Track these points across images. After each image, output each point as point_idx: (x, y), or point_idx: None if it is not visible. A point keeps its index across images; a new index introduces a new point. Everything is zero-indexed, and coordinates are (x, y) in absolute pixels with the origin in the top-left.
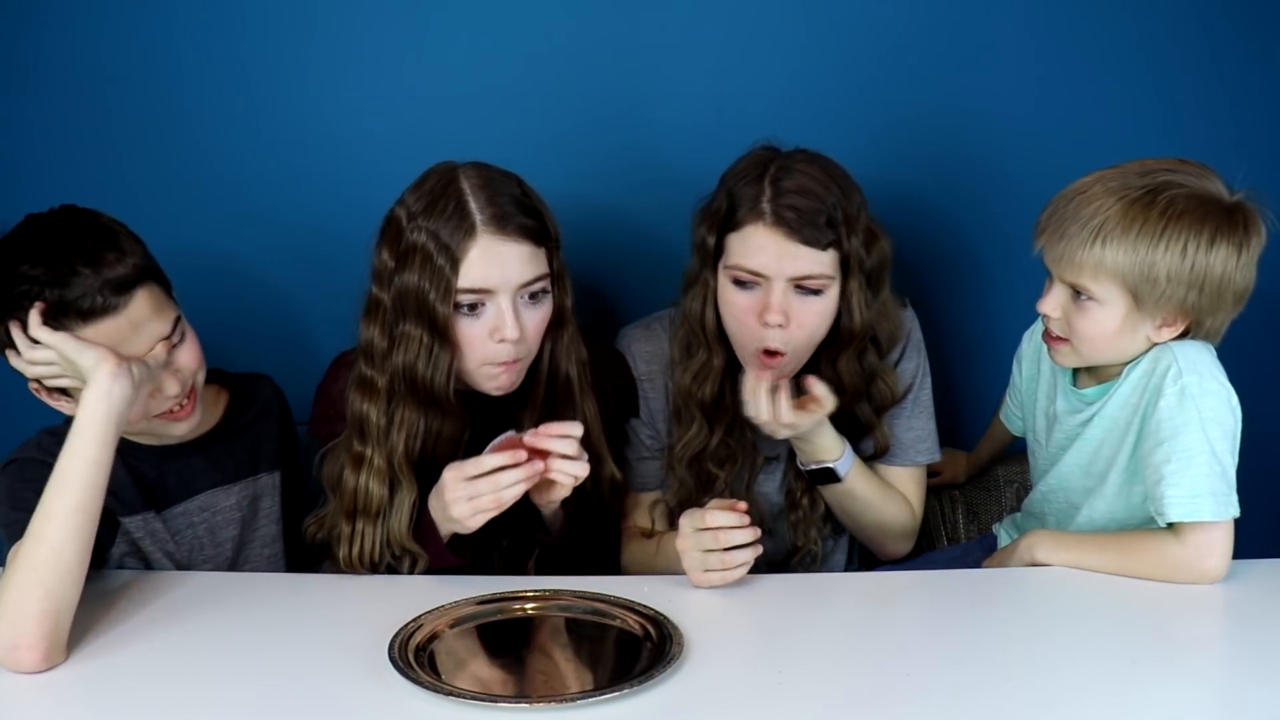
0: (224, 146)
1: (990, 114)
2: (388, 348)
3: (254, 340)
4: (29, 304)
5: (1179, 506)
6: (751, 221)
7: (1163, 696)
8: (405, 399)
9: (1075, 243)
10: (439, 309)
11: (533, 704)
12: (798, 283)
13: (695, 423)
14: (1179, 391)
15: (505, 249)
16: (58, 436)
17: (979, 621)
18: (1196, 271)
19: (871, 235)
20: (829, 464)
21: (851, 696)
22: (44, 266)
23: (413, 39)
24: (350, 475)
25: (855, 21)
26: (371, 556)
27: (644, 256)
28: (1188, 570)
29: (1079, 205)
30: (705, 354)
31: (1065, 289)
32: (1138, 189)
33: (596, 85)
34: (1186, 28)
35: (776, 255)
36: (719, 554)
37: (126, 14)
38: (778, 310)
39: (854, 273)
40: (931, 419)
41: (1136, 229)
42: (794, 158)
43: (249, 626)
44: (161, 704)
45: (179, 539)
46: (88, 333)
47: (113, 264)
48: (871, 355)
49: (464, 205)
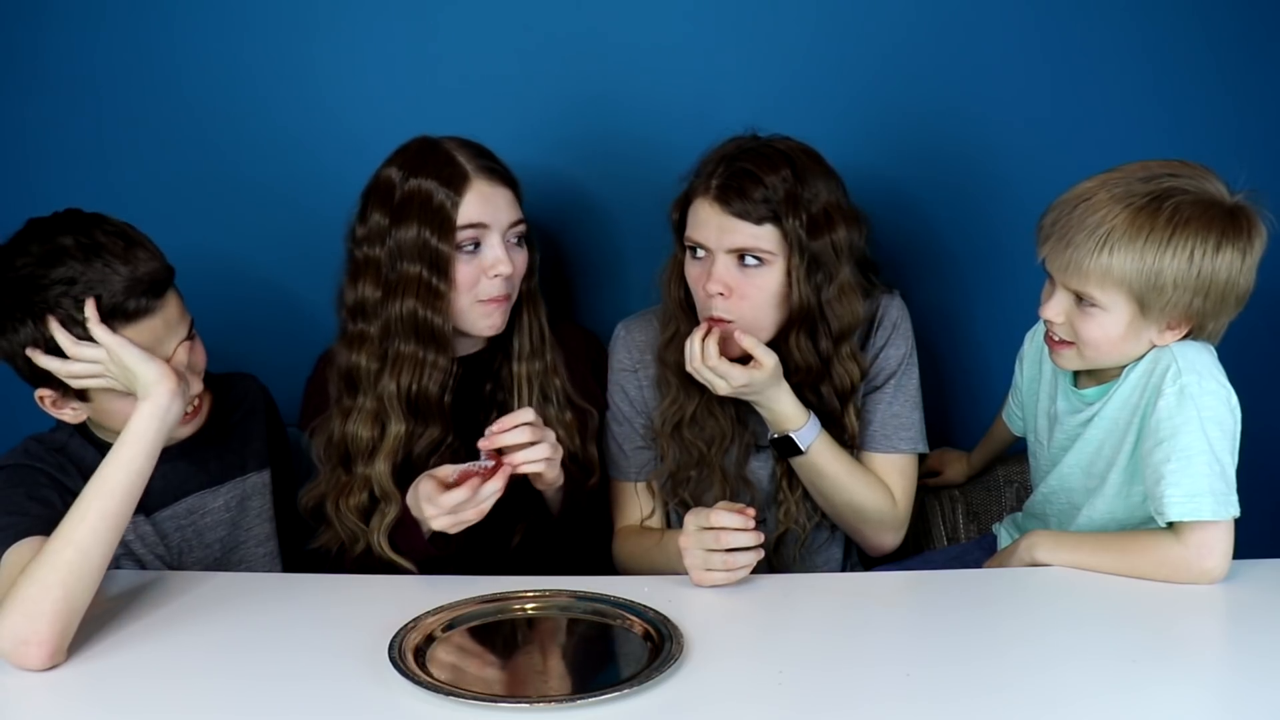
0: (222, 145)
1: (988, 111)
2: (382, 296)
3: (254, 339)
4: (66, 304)
5: (1179, 506)
6: (699, 195)
7: (1163, 696)
8: (402, 336)
9: (1082, 251)
10: (441, 248)
11: (533, 704)
12: (739, 253)
13: (672, 390)
14: (1178, 391)
15: (495, 192)
16: (45, 443)
17: (978, 622)
18: (1203, 278)
19: (828, 220)
20: (790, 434)
21: (851, 696)
22: (81, 264)
23: (413, 39)
24: (337, 426)
25: (851, 16)
26: (359, 501)
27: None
28: (1188, 570)
29: (1084, 213)
30: (674, 325)
31: (1068, 294)
32: (1143, 195)
33: (597, 83)
34: (1187, 27)
35: (717, 228)
36: (721, 554)
37: (125, 13)
38: (717, 280)
39: (794, 251)
40: (917, 408)
41: (1144, 237)
42: (765, 142)
43: (249, 626)
44: (162, 704)
45: (168, 542)
46: (129, 333)
47: (146, 262)
48: (825, 338)
49: (453, 158)
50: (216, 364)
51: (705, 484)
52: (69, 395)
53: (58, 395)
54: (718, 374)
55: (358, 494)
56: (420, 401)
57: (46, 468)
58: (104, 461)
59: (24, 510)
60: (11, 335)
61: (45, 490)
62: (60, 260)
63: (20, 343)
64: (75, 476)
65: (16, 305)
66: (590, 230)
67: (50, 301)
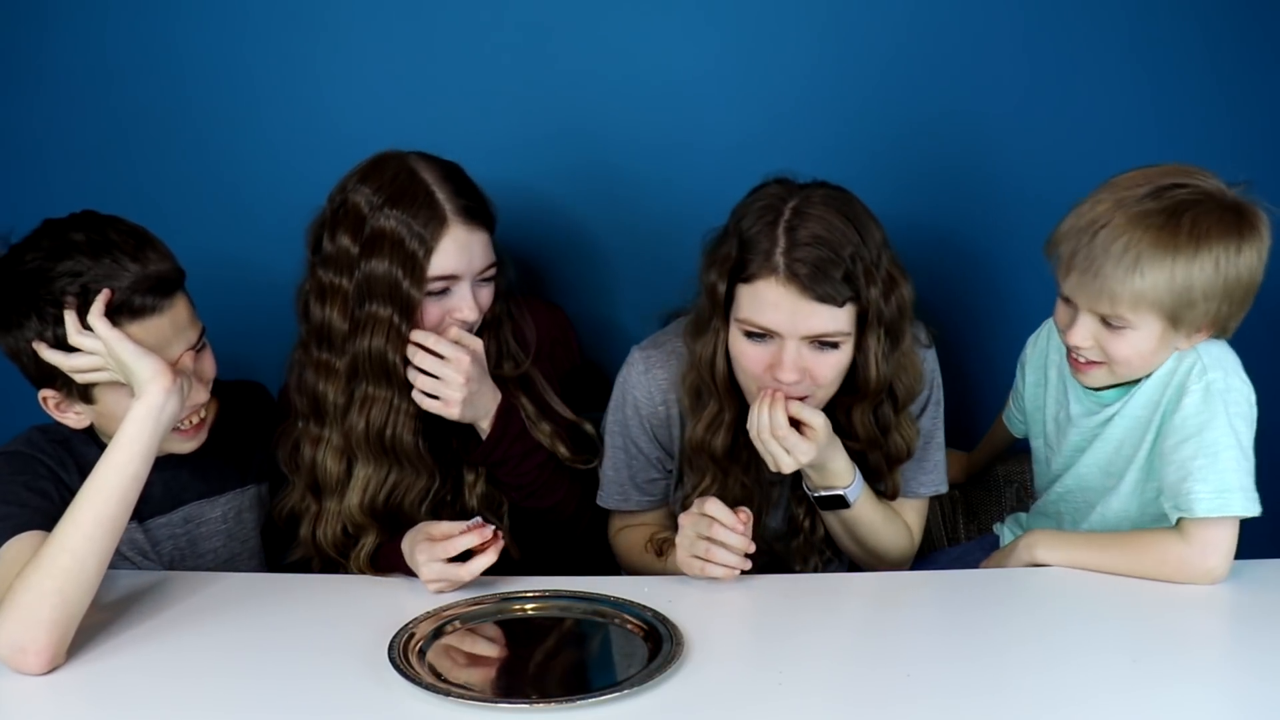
0: (226, 145)
1: (987, 115)
2: (349, 330)
3: (253, 338)
4: (74, 298)
5: (1206, 502)
6: (764, 276)
7: (1163, 696)
8: (369, 378)
9: (1113, 280)
10: (412, 294)
11: (533, 704)
12: (814, 339)
13: (709, 473)
14: (1204, 389)
15: (471, 238)
16: (49, 434)
17: (979, 621)
18: (1229, 283)
19: (891, 281)
20: (840, 490)
21: (851, 697)
22: (90, 259)
23: (414, 40)
24: (308, 452)
25: (835, 24)
26: (334, 533)
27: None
28: (1191, 569)
29: (1106, 240)
30: (716, 405)
31: (1094, 318)
32: (1159, 212)
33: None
34: (1184, 29)
35: (790, 313)
36: (705, 543)
37: (129, 12)
38: (791, 368)
39: (872, 325)
40: (939, 449)
41: (1172, 256)
42: (810, 199)
43: (249, 627)
44: (162, 704)
45: (159, 549)
46: (133, 331)
47: (157, 262)
48: (887, 408)
49: (432, 196)
50: (228, 368)
51: None
52: (73, 397)
53: (61, 397)
54: (785, 447)
55: (332, 525)
56: (393, 445)
57: (47, 459)
58: (98, 464)
59: (22, 502)
60: (17, 331)
61: (44, 482)
62: (68, 254)
63: (25, 337)
64: (74, 473)
65: (23, 299)
66: (577, 249)
67: (56, 293)
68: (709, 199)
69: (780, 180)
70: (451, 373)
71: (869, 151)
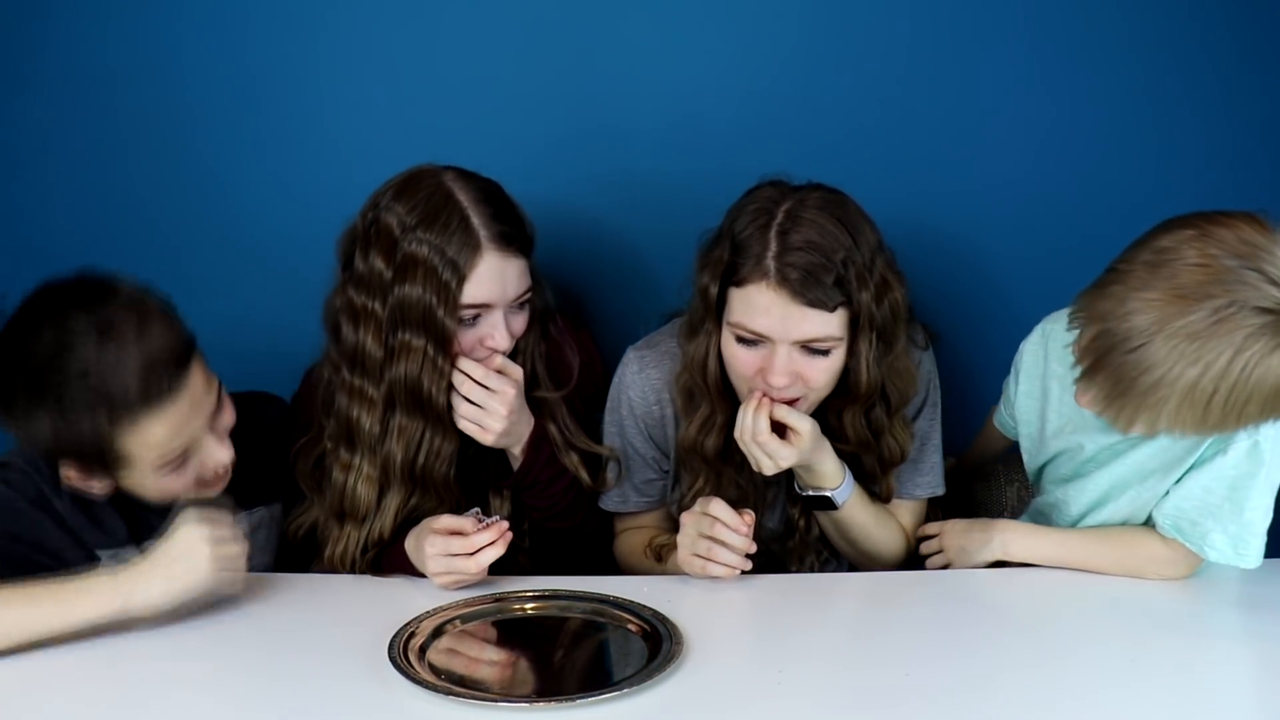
0: (227, 147)
1: (984, 115)
2: (384, 358)
3: (254, 340)
4: (81, 403)
5: (1218, 552)
6: (755, 280)
7: (1162, 696)
8: (406, 409)
9: (1133, 410)
10: (446, 323)
11: (533, 704)
12: (804, 344)
13: (701, 475)
14: (1252, 445)
15: (506, 266)
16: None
17: (978, 621)
18: (1266, 408)
19: (885, 285)
20: (827, 492)
21: (850, 696)
22: (95, 348)
23: (415, 42)
24: (339, 477)
25: (836, 27)
26: (354, 556)
27: (626, 263)
28: (1166, 570)
29: (1138, 364)
30: (708, 407)
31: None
32: (1208, 353)
33: (592, 91)
34: (1184, 33)
35: (781, 318)
36: (707, 542)
37: (129, 14)
38: (782, 373)
39: (864, 330)
40: (936, 451)
41: (1206, 407)
42: (804, 202)
43: (249, 626)
44: (162, 703)
45: None
46: (154, 430)
47: (162, 337)
48: (880, 411)
49: (467, 221)
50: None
51: None
52: (94, 471)
53: (81, 472)
54: (766, 452)
55: (354, 549)
56: (423, 475)
57: (21, 498)
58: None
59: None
60: (29, 420)
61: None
62: (71, 346)
63: (38, 425)
64: (64, 497)
65: (35, 393)
66: (580, 236)
67: (66, 402)
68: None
69: (774, 182)
70: (496, 404)
71: (870, 150)
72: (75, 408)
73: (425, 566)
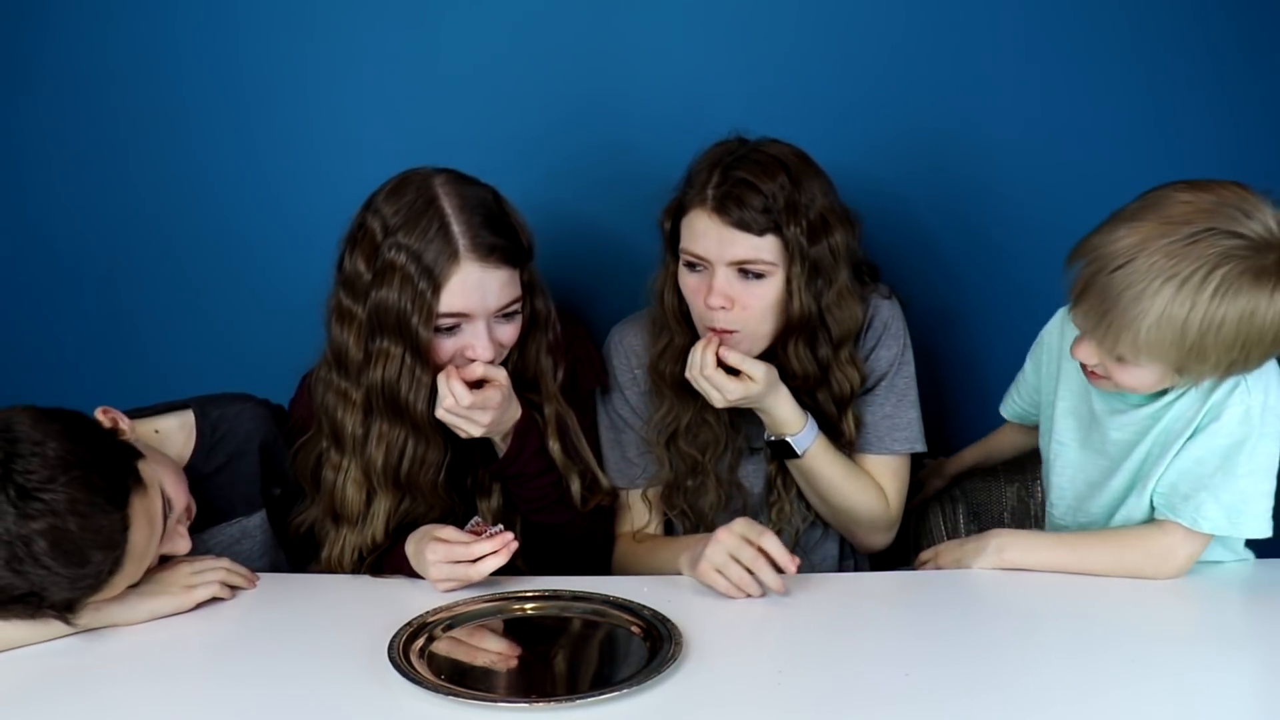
0: (227, 146)
1: (982, 110)
2: (363, 361)
3: (251, 339)
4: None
5: (1212, 522)
6: (696, 207)
7: (1162, 696)
8: (385, 415)
9: (1118, 326)
10: (421, 332)
11: (533, 704)
12: (740, 266)
13: (666, 401)
14: (1244, 413)
15: (486, 276)
16: None
17: (978, 621)
18: (1249, 339)
19: (824, 224)
20: (787, 438)
21: (850, 696)
22: (27, 582)
23: (414, 44)
24: (330, 476)
25: (840, 20)
26: (351, 558)
27: (620, 260)
28: (1164, 566)
29: (1123, 281)
30: (668, 335)
31: (1098, 343)
32: (1188, 265)
33: (587, 88)
34: (1183, 27)
35: (716, 240)
36: (739, 569)
37: (129, 14)
38: (719, 294)
39: (795, 259)
40: (913, 407)
41: (1187, 319)
42: (755, 147)
43: (249, 626)
44: (162, 703)
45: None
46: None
47: (91, 537)
48: (824, 345)
49: (447, 228)
50: (213, 368)
51: (700, 491)
52: None
53: None
54: (714, 385)
55: (350, 553)
56: (409, 481)
57: None
58: None
59: None
60: None
61: None
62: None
63: None
64: None
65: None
66: (580, 237)
67: (16, 609)
68: None
69: (736, 137)
70: (477, 414)
71: (870, 150)
72: (24, 614)
73: (426, 572)
